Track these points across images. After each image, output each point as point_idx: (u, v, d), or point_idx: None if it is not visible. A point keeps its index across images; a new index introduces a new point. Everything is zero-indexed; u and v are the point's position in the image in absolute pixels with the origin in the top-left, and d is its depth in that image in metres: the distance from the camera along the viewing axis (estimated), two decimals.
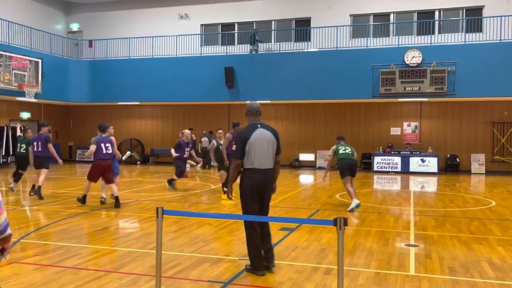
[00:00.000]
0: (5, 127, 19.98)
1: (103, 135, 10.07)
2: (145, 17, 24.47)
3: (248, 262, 5.44)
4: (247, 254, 5.49)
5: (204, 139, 21.11)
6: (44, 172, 11.08)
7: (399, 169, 19.77)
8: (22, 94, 17.93)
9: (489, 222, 8.68)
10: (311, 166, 22.49)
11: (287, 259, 5.97)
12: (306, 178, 17.99)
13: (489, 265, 5.79)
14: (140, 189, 13.27)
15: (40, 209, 9.65)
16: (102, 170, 9.90)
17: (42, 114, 23.92)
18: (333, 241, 6.99)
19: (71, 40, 24.26)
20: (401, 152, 20.03)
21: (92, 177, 10.03)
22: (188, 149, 12.94)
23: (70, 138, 25.68)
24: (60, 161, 11.76)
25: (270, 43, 22.42)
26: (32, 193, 11.33)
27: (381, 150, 20.74)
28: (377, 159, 20.18)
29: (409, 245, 6.82)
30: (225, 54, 21.79)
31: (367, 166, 20.95)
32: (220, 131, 12.54)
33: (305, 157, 22.75)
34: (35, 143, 11.16)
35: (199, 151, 20.65)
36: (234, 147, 5.78)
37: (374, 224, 8.34)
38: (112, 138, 10.29)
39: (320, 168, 21.95)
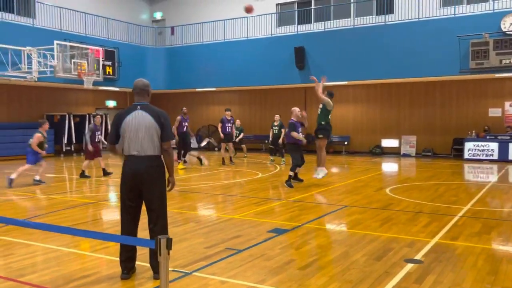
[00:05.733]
0: (87, 115, 20.93)
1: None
2: (221, 0, 23.96)
3: None
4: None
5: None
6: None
7: (495, 157, 16.83)
8: (105, 83, 18.79)
9: None
10: (394, 153, 20.27)
11: (228, 274, 4.79)
12: (375, 167, 16.07)
13: None
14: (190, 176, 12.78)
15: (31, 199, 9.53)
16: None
17: (127, 102, 24.81)
18: (316, 250, 5.64)
19: (151, 28, 24.71)
20: (499, 137, 17.00)
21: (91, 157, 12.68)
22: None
23: None
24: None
25: (348, 19, 20.48)
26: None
27: (474, 134, 17.84)
28: (468, 145, 17.38)
29: (410, 260, 5.20)
30: (295, 33, 20.43)
31: (459, 153, 18.20)
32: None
33: (388, 143, 20.57)
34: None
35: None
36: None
37: (393, 229, 6.71)
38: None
39: (405, 155, 19.70)
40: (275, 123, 16.74)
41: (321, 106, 10.68)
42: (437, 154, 19.35)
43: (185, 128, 14.90)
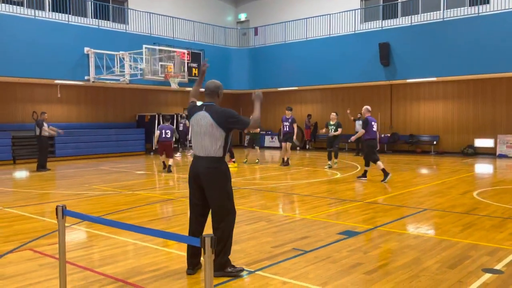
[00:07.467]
0: (175, 115, 21.91)
1: (166, 124, 13.74)
2: None
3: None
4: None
5: (358, 122, 19.55)
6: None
7: None
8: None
9: None
10: (489, 153, 18.89)
11: (290, 275, 4.75)
12: (465, 169, 15.05)
13: None
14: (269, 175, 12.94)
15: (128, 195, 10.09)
16: (163, 148, 13.62)
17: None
18: (386, 254, 5.43)
19: (235, 29, 25.26)
20: None
21: (160, 153, 14.05)
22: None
23: None
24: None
25: (437, 12, 19.38)
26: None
27: None
28: None
29: (488, 270, 4.81)
30: (380, 28, 19.77)
31: None
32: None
33: (481, 143, 19.23)
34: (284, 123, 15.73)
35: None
36: None
37: (475, 235, 6.26)
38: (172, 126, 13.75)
39: (501, 156, 18.28)
40: (331, 123, 14.90)
41: None
42: None
43: None
